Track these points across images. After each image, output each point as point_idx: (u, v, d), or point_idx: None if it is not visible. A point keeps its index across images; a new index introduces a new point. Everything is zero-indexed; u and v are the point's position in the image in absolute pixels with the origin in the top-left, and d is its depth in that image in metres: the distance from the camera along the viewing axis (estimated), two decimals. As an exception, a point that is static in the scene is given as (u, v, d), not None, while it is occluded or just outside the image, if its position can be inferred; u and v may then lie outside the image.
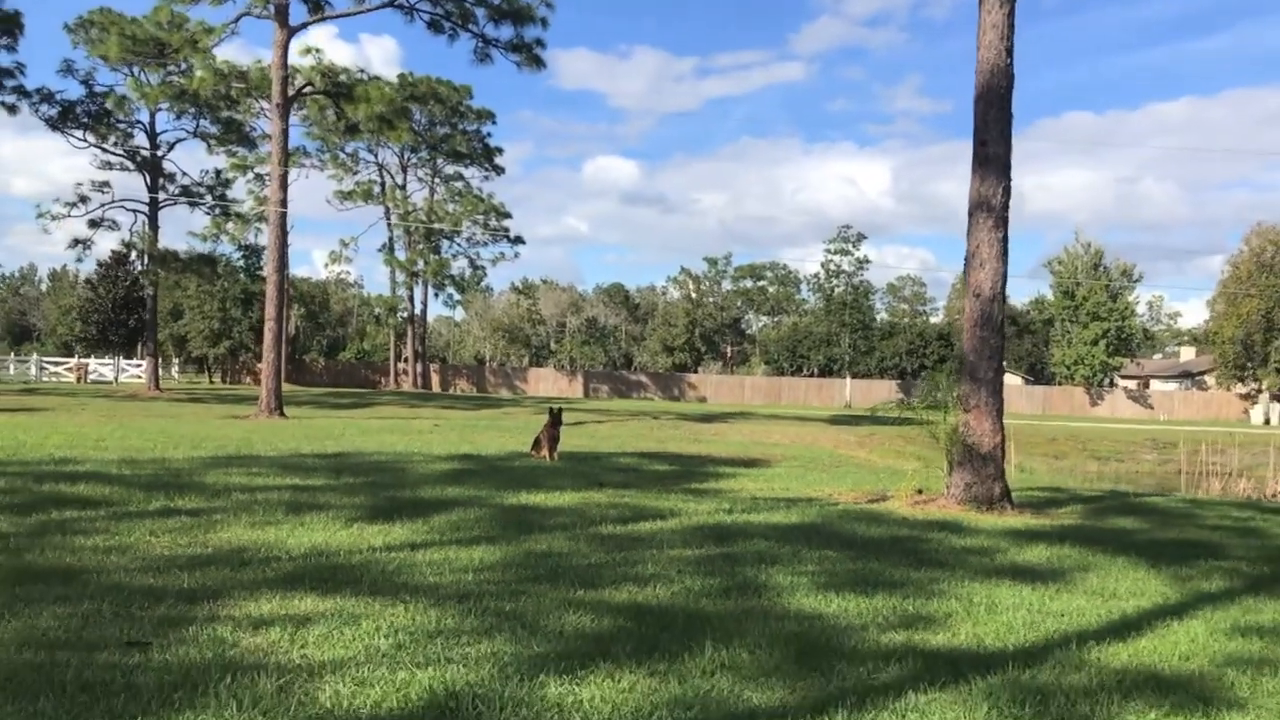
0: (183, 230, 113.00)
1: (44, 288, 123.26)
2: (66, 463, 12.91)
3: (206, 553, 7.45)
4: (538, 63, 30.21)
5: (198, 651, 4.97)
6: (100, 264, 49.89)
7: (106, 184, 43.22)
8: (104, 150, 43.40)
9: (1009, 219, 12.12)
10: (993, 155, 11.99)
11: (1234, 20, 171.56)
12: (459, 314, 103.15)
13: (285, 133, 29.16)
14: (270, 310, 28.67)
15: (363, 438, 20.34)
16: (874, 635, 5.87)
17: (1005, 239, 12.09)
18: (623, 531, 9.12)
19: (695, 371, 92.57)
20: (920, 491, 12.78)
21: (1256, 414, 62.45)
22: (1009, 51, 12.10)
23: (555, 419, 16.36)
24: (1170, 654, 5.79)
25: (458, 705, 4.37)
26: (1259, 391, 62.83)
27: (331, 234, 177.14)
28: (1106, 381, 71.91)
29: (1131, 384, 75.74)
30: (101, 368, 56.92)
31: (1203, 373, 74.53)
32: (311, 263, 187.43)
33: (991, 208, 11.96)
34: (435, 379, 70.36)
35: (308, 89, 33.34)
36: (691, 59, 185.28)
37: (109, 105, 40.94)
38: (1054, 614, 6.63)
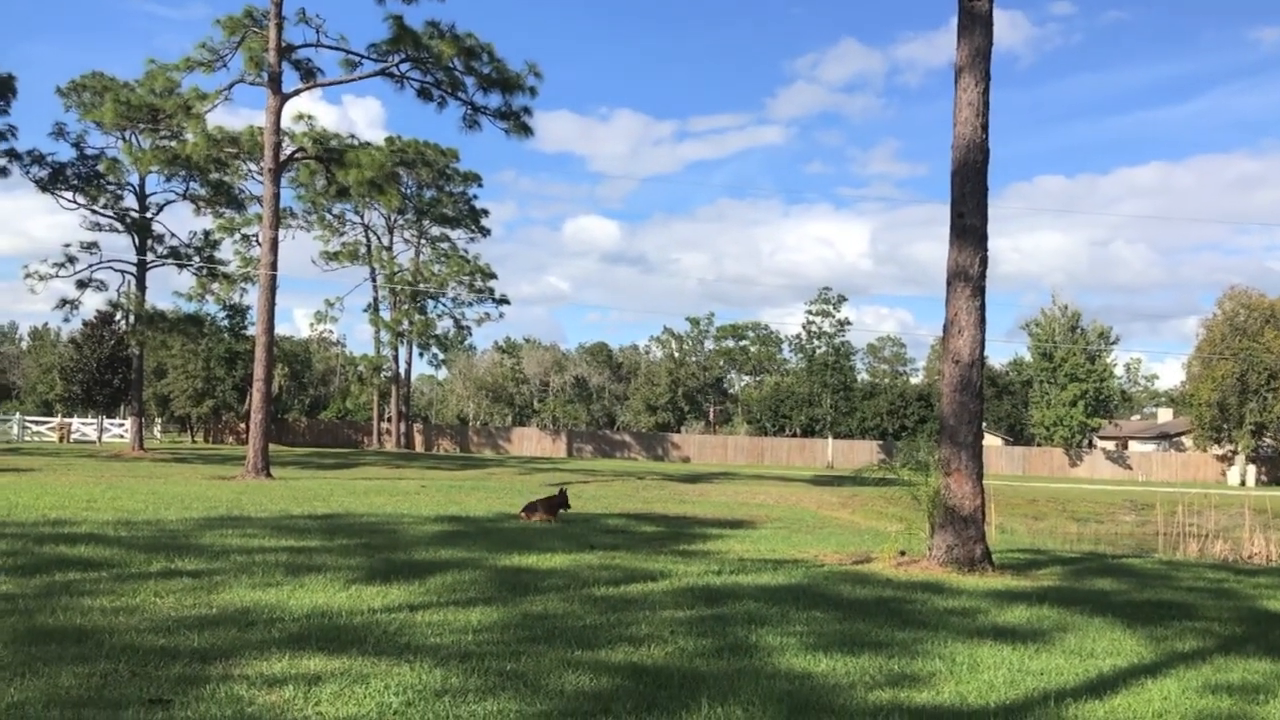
0: (168, 289, 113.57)
1: (24, 346, 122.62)
2: (63, 524, 13.06)
3: (212, 613, 7.65)
4: (525, 130, 30.84)
5: (218, 709, 5.19)
6: (86, 323, 49.97)
7: (95, 245, 43.52)
8: (93, 212, 43.81)
9: (986, 287, 12.53)
10: (969, 227, 12.43)
11: (1202, 89, 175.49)
12: (442, 373, 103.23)
13: (276, 197, 29.59)
14: (259, 371, 28.87)
15: (351, 499, 20.48)
16: (861, 693, 6.13)
17: (983, 306, 12.49)
18: (615, 593, 9.35)
19: (678, 431, 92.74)
20: (903, 553, 13.03)
21: (1233, 475, 63.02)
22: (984, 128, 12.59)
23: (562, 498, 16.80)
24: (1145, 711, 6.06)
25: (470, 759, 4.62)
26: (1235, 453, 63.45)
27: (313, 293, 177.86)
28: (1085, 442, 72.47)
29: (1110, 445, 76.37)
30: (84, 427, 56.71)
31: (1180, 434, 75.23)
32: (293, 321, 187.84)
33: (969, 277, 12.38)
34: (418, 439, 70.29)
35: (299, 154, 33.82)
36: (671, 123, 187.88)
37: (100, 168, 41.44)
38: (1034, 673, 6.89)
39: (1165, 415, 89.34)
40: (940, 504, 12.40)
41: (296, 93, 30.47)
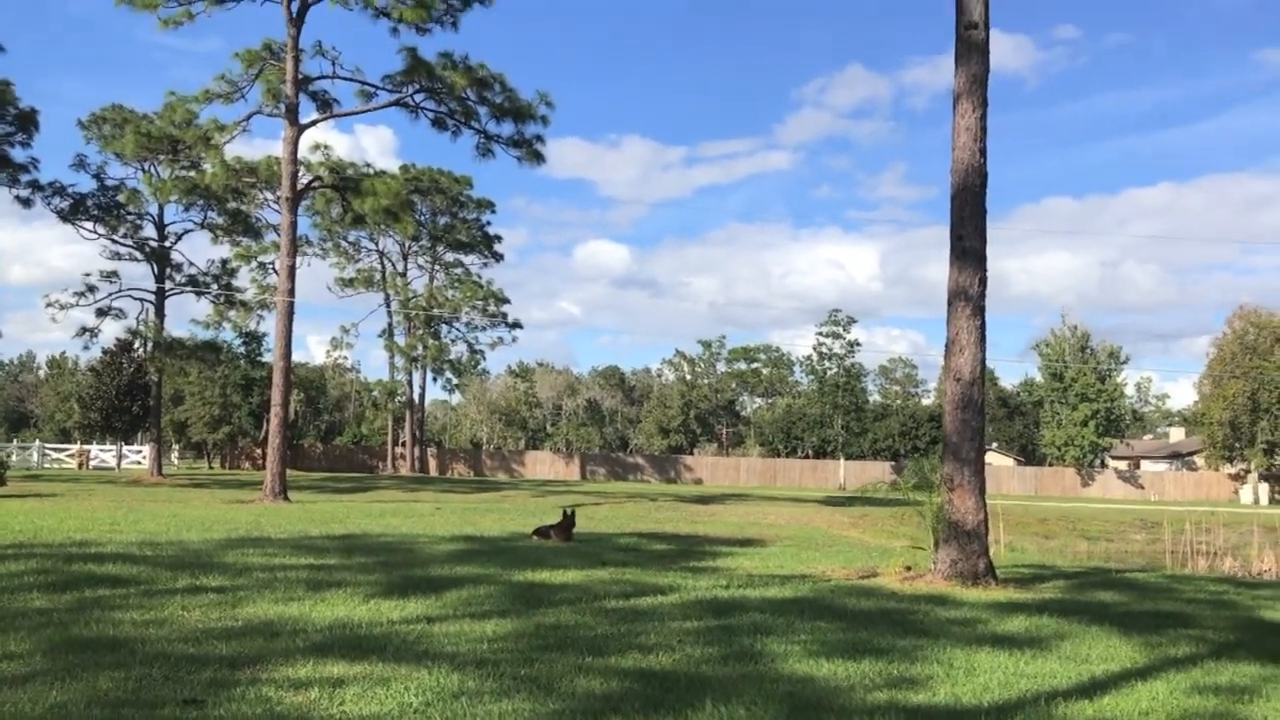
0: (184, 317, 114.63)
1: (42, 375, 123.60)
2: (88, 545, 13.40)
3: (238, 625, 7.97)
4: (538, 158, 31.35)
5: (249, 708, 5.52)
6: (105, 351, 50.58)
7: (115, 274, 44.09)
8: (113, 241, 44.38)
9: (986, 307, 12.82)
10: (969, 248, 12.74)
11: (1209, 110, 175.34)
12: (455, 398, 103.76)
13: (294, 225, 30.11)
14: (276, 396, 29.29)
15: (367, 520, 20.80)
16: (860, 695, 6.41)
17: (983, 326, 12.78)
18: (626, 605, 9.64)
19: (691, 453, 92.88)
20: (909, 568, 13.28)
21: (1246, 494, 62.84)
22: (982, 152, 12.92)
23: (569, 520, 16.98)
24: (1132, 710, 6.33)
25: (487, 750, 4.93)
26: (1247, 472, 63.32)
27: (327, 320, 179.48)
28: (1097, 462, 72.38)
29: (1122, 465, 76.24)
30: (103, 454, 57.26)
31: (1192, 453, 75.08)
32: (307, 348, 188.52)
33: (969, 297, 12.68)
34: (433, 463, 70.63)
35: (316, 183, 34.41)
36: (680, 148, 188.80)
37: (120, 198, 42.06)
38: (1028, 676, 7.16)
39: (1177, 435, 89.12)
40: (944, 519, 12.65)
41: (313, 123, 31.08)
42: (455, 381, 71.56)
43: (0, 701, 5.52)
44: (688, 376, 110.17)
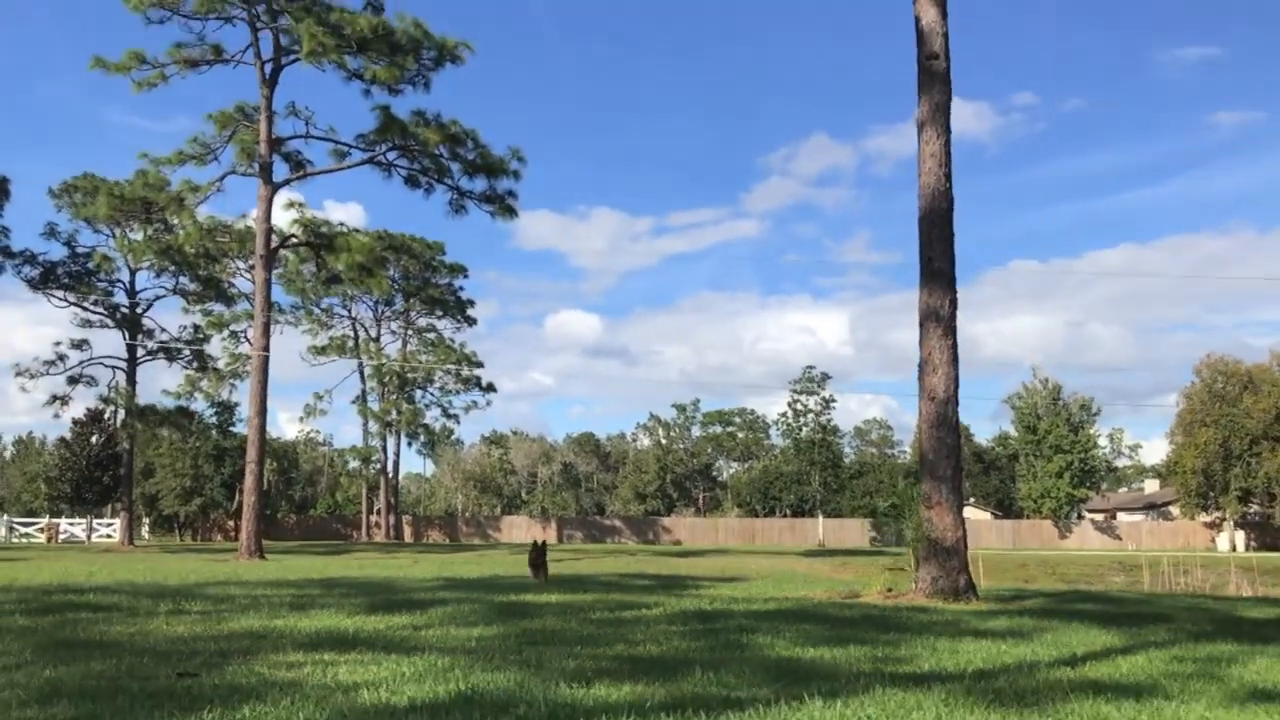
0: (156, 388, 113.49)
1: (8, 455, 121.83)
2: (67, 587, 13.27)
3: (225, 634, 7.96)
4: (510, 212, 31.73)
5: (242, 679, 5.56)
6: (75, 422, 50.14)
7: (85, 342, 43.93)
8: (84, 309, 44.25)
9: (957, 327, 13.09)
10: (938, 270, 13.04)
11: (1167, 173, 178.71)
12: (429, 469, 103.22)
13: (268, 282, 30.24)
14: (251, 454, 29.14)
15: (345, 571, 20.61)
16: (845, 667, 6.52)
17: (955, 346, 13.03)
18: (611, 616, 9.68)
19: (668, 516, 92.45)
20: (890, 589, 13.37)
21: (1223, 542, 63.16)
22: (948, 177, 13.30)
23: (539, 551, 16.83)
24: (1113, 673, 6.47)
25: (481, 699, 4.99)
26: (1223, 520, 63.71)
27: (297, 394, 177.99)
28: (1074, 514, 72.65)
29: (1099, 516, 76.52)
30: (72, 528, 56.44)
31: (1167, 504, 75.49)
32: (279, 424, 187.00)
33: (940, 317, 12.94)
34: (408, 530, 70.04)
35: (291, 239, 34.61)
36: (648, 218, 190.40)
37: (92, 265, 42.05)
38: (1010, 655, 7.28)
39: (1153, 487, 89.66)
40: (923, 537, 12.77)
41: (287, 182, 31.38)
42: (430, 447, 71.20)
43: (-7, 680, 5.53)
44: (663, 441, 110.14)
